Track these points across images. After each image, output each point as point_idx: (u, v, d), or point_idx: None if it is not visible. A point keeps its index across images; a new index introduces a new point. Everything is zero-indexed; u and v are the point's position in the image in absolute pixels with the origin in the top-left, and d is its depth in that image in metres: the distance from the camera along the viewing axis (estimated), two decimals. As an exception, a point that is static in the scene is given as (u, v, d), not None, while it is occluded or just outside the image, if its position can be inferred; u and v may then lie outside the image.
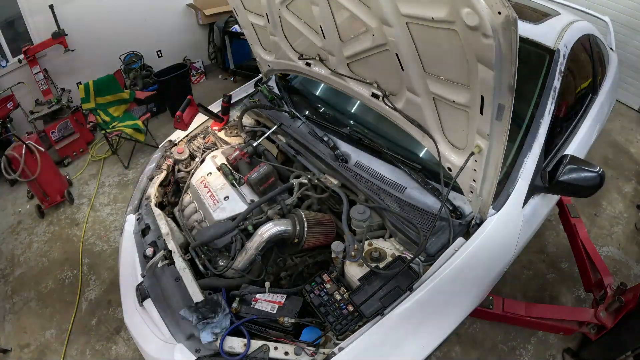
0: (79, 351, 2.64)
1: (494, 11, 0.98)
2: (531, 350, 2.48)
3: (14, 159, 3.27)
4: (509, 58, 1.05)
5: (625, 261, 2.99)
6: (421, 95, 1.52)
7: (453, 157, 1.59)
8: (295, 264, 1.88)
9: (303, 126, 2.25)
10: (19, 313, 2.91)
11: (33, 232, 3.54)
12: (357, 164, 1.99)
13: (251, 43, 2.42)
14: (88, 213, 3.64)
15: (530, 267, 2.93)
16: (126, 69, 4.71)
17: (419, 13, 1.22)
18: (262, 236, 1.77)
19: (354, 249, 1.61)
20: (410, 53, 1.40)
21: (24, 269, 3.23)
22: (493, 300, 1.94)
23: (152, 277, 1.74)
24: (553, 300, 2.74)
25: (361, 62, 1.73)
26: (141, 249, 1.88)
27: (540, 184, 1.80)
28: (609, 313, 1.99)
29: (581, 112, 2.42)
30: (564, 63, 2.01)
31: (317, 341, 1.42)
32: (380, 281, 1.49)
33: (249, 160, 2.15)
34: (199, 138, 2.46)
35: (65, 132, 4.09)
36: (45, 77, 4.15)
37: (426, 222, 1.68)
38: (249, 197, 1.98)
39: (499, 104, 1.19)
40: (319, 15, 1.70)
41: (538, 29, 2.14)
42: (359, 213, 1.69)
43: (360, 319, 1.46)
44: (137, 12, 4.67)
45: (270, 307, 1.56)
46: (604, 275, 2.16)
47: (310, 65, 2.07)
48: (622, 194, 3.57)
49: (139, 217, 2.04)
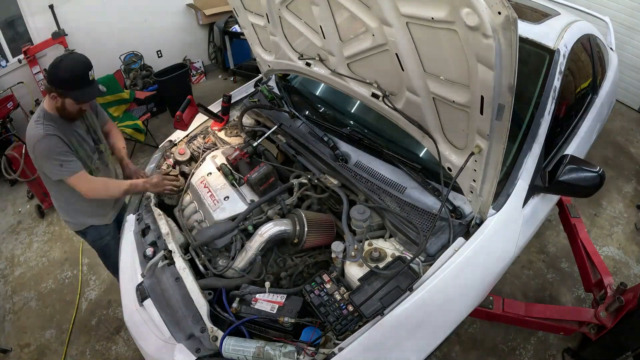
0: (79, 351, 2.64)
1: (494, 11, 0.98)
2: (531, 350, 2.48)
3: (14, 159, 3.27)
4: (509, 58, 1.05)
5: (625, 261, 2.99)
6: (421, 95, 1.52)
7: (453, 157, 1.59)
8: (295, 264, 1.88)
9: (303, 126, 2.25)
10: (19, 313, 2.91)
11: (33, 232, 3.54)
12: (357, 164, 1.99)
13: (251, 43, 2.42)
14: (88, 213, 3.64)
15: (530, 267, 2.93)
16: (126, 69, 4.71)
17: (419, 13, 1.22)
18: (262, 236, 1.77)
19: (354, 249, 1.61)
20: (410, 53, 1.40)
21: (24, 269, 3.23)
22: (493, 300, 1.94)
23: (152, 277, 1.74)
24: (553, 300, 2.74)
25: (361, 62, 1.73)
26: (141, 249, 1.88)
27: (540, 184, 1.80)
28: (609, 313, 1.99)
29: (581, 112, 2.42)
30: (564, 63, 2.01)
31: (317, 341, 1.42)
32: (380, 281, 1.49)
33: (249, 160, 2.15)
34: (199, 138, 2.46)
35: (65, 132, 4.09)
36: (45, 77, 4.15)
37: (426, 222, 1.68)
38: (249, 197, 1.98)
39: (499, 104, 1.19)
40: (319, 15, 1.70)
41: (538, 29, 2.14)
42: (359, 213, 1.69)
43: (360, 319, 1.46)
44: (137, 12, 4.67)
45: (270, 307, 1.56)
46: (604, 275, 2.16)
47: (310, 65, 2.07)
48: (622, 194, 3.57)
49: (139, 217, 2.05)
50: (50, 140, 1.81)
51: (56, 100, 1.82)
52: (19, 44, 4.03)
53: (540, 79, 1.96)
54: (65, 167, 1.84)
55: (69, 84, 1.78)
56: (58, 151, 1.82)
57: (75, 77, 1.78)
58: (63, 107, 1.85)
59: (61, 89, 1.79)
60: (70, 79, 1.77)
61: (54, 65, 1.78)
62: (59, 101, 1.83)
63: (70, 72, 1.77)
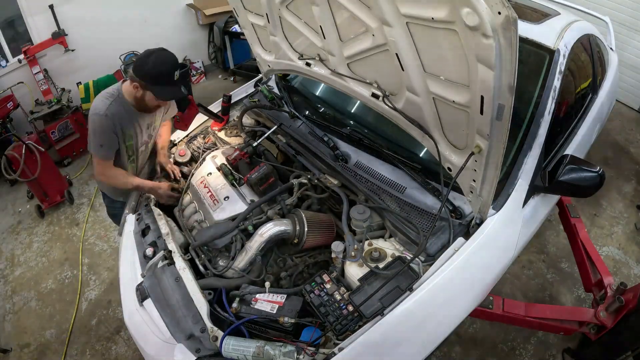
0: (79, 351, 2.65)
1: (494, 11, 0.98)
2: (531, 350, 2.48)
3: (14, 159, 3.27)
4: (509, 58, 1.05)
5: (625, 261, 2.99)
6: (421, 95, 1.52)
7: (453, 157, 1.59)
8: (295, 264, 1.88)
9: (303, 126, 2.25)
10: (19, 313, 2.91)
11: (33, 232, 3.54)
12: (357, 164, 1.99)
13: (251, 43, 2.42)
14: (88, 213, 3.64)
15: (530, 267, 2.93)
16: (126, 69, 4.70)
17: (419, 13, 1.22)
18: (262, 236, 1.77)
19: (354, 249, 1.61)
20: (410, 53, 1.40)
21: (24, 269, 3.23)
22: (493, 300, 1.94)
23: (152, 277, 1.74)
24: (553, 300, 2.74)
25: (361, 62, 1.72)
26: (141, 249, 1.88)
27: (540, 184, 1.80)
28: (609, 313, 1.99)
29: (581, 112, 2.42)
30: (564, 63, 2.01)
31: (317, 341, 1.42)
32: (380, 281, 1.49)
33: (249, 160, 2.15)
34: (199, 138, 2.46)
35: (65, 132, 4.09)
36: (45, 77, 4.15)
37: (426, 222, 1.68)
38: (249, 197, 1.98)
39: (499, 104, 1.18)
40: (319, 15, 1.70)
41: (538, 29, 2.14)
42: (359, 213, 1.69)
43: (360, 319, 1.46)
44: (137, 12, 4.67)
45: (270, 307, 1.56)
46: (604, 275, 2.16)
47: (310, 65, 2.07)
48: (622, 194, 3.57)
49: (139, 217, 2.05)
50: (106, 120, 1.87)
51: (137, 90, 1.87)
52: (19, 44, 4.03)
53: (540, 79, 1.96)
54: (102, 149, 1.93)
55: (153, 79, 1.81)
56: (107, 133, 1.90)
57: (161, 73, 1.80)
58: (142, 98, 1.90)
59: (144, 81, 1.82)
60: (156, 74, 1.80)
61: (143, 57, 1.81)
62: (139, 91, 1.87)
63: (158, 67, 1.79)
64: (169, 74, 1.81)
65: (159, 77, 1.81)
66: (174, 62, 1.84)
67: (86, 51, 4.43)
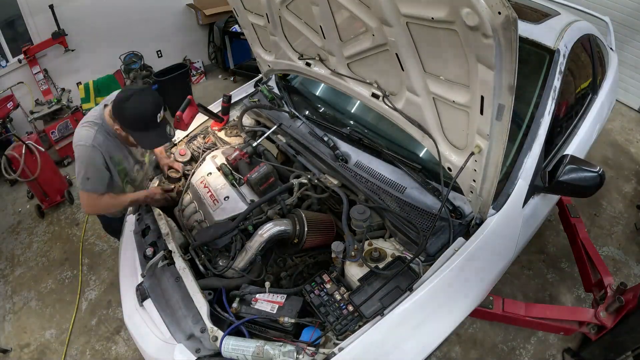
0: (79, 351, 2.65)
1: (494, 11, 0.98)
2: (531, 350, 2.48)
3: (14, 159, 3.27)
4: (509, 58, 1.05)
5: (625, 261, 2.99)
6: (421, 95, 1.52)
7: (453, 157, 1.59)
8: (295, 264, 1.88)
9: (303, 126, 2.25)
10: (19, 313, 2.91)
11: (33, 232, 3.54)
12: (357, 164, 1.99)
13: (251, 43, 2.42)
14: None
15: (530, 267, 2.93)
16: (126, 69, 4.71)
17: (419, 13, 1.22)
18: (262, 236, 1.77)
19: (354, 249, 1.61)
20: (410, 53, 1.40)
21: (24, 269, 3.23)
22: (493, 300, 1.94)
23: (152, 277, 1.74)
24: (553, 300, 2.74)
25: (361, 62, 1.73)
26: (141, 249, 1.88)
27: (540, 184, 1.80)
28: (609, 313, 1.99)
29: (581, 112, 2.42)
30: (564, 63, 2.01)
31: (317, 341, 1.42)
32: (380, 281, 1.49)
33: (249, 160, 2.15)
34: (199, 138, 2.46)
35: (65, 132, 4.09)
36: (45, 77, 4.15)
37: (426, 222, 1.68)
38: (249, 197, 1.98)
39: (499, 104, 1.19)
40: (319, 15, 1.70)
41: (538, 29, 2.14)
42: (359, 213, 1.69)
43: (360, 319, 1.46)
44: (137, 12, 4.67)
45: (270, 307, 1.56)
46: (604, 275, 2.16)
47: (310, 65, 2.07)
48: (622, 194, 3.57)
49: (139, 217, 2.05)
50: (93, 152, 1.77)
51: (120, 130, 1.77)
52: (19, 44, 4.03)
53: (540, 79, 1.96)
54: (89, 182, 1.83)
55: (133, 125, 1.69)
56: (93, 166, 1.81)
57: (142, 118, 1.67)
58: (126, 137, 1.80)
59: (124, 126, 1.71)
60: (136, 120, 1.67)
61: (121, 99, 1.67)
62: (122, 132, 1.77)
63: (138, 113, 1.65)
64: (151, 118, 1.68)
65: (139, 122, 1.68)
66: (156, 103, 1.69)
67: (86, 51, 4.43)
